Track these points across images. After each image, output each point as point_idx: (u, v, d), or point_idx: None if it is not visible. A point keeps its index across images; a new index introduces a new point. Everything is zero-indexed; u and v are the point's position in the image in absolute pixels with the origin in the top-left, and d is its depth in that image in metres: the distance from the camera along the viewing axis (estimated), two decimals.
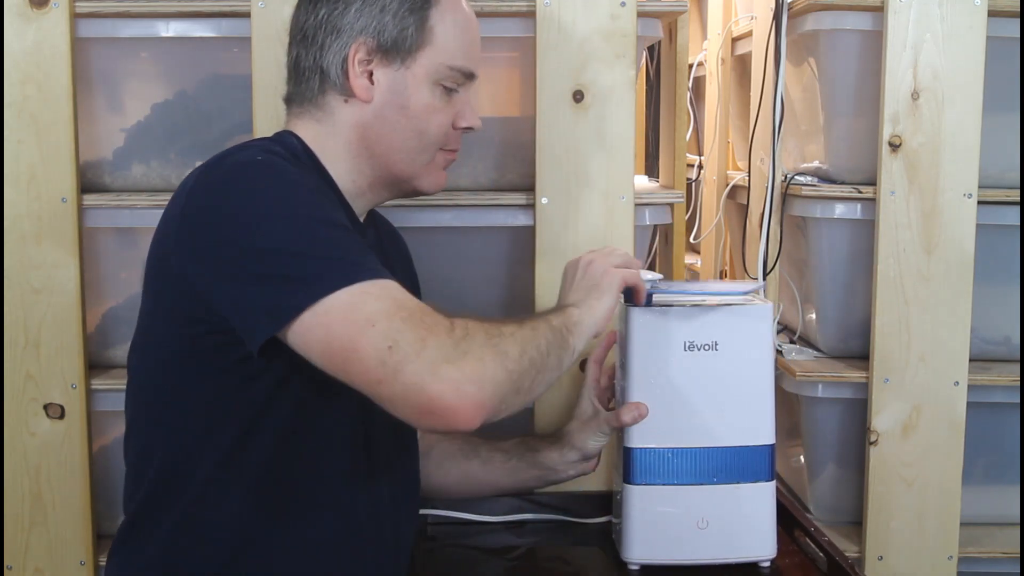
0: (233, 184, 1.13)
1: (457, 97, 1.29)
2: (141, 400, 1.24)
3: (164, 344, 1.19)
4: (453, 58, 1.27)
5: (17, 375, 1.60)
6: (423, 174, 1.30)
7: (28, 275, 1.59)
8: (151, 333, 1.22)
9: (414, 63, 1.25)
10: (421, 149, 1.28)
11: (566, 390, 1.61)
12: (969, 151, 1.70)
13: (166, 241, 1.16)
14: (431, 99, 1.27)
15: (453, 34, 1.27)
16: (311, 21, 1.26)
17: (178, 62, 1.68)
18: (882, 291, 1.72)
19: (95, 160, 1.67)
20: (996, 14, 1.69)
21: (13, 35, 1.55)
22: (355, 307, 1.04)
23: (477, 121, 1.32)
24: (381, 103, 1.25)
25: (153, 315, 1.21)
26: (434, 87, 1.27)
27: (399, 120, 1.26)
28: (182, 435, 1.20)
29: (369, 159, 1.27)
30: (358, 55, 1.24)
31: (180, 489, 1.19)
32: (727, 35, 2.22)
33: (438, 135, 1.29)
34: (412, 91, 1.26)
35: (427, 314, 1.06)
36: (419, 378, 1.01)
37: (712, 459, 1.34)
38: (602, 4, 1.57)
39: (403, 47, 1.24)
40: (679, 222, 2.12)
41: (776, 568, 1.37)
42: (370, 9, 1.24)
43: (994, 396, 1.79)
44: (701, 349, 1.33)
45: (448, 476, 1.49)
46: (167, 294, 1.17)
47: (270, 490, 1.19)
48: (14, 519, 1.62)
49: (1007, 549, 1.80)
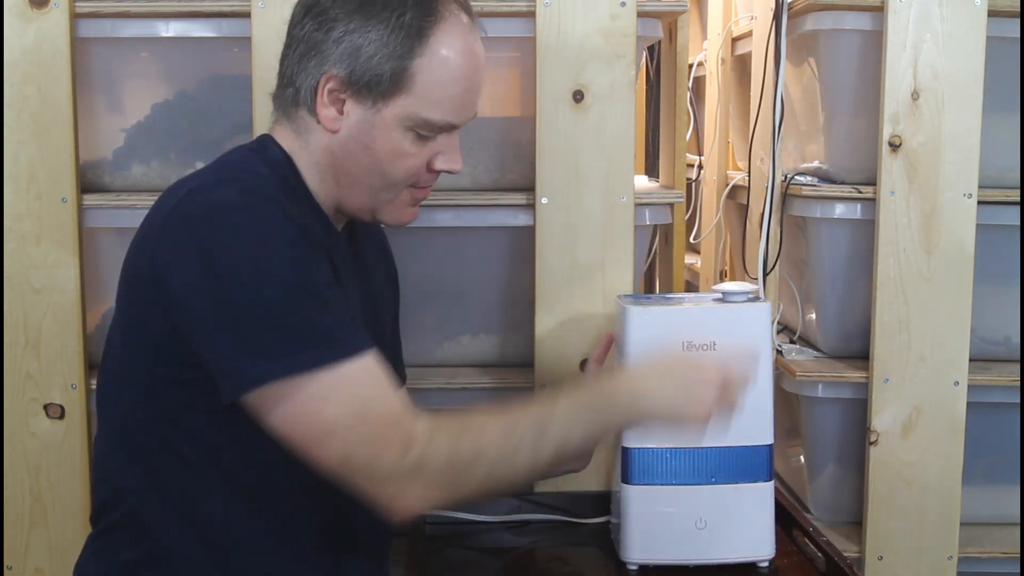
0: (211, 231, 1.10)
1: (435, 141, 1.22)
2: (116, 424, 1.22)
3: (139, 369, 1.18)
4: (430, 110, 1.19)
5: (17, 375, 1.60)
6: (386, 210, 1.25)
7: (28, 275, 1.59)
8: (126, 354, 1.20)
9: (385, 107, 1.18)
10: (384, 188, 1.22)
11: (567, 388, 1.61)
12: (969, 151, 1.69)
13: (142, 268, 1.14)
14: (399, 144, 1.20)
15: (438, 85, 1.18)
16: (296, 30, 1.21)
17: (178, 62, 1.68)
18: (882, 291, 1.72)
19: (95, 160, 1.67)
20: (996, 14, 1.69)
21: (13, 35, 1.55)
22: (318, 408, 1.08)
23: (458, 166, 1.25)
24: (347, 136, 1.20)
25: (127, 335, 1.19)
26: (405, 132, 1.19)
27: (362, 157, 1.20)
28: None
29: (335, 183, 1.23)
30: (328, 85, 1.18)
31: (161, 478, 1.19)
32: (727, 35, 2.22)
33: (404, 177, 1.22)
34: (379, 133, 1.19)
35: (387, 427, 1.09)
36: (364, 488, 1.10)
37: (711, 459, 1.34)
38: (602, 4, 1.57)
39: (376, 89, 1.17)
40: (679, 222, 2.12)
41: (775, 568, 1.37)
42: (351, 40, 1.17)
43: (994, 396, 1.78)
44: (699, 349, 1.32)
45: None
46: (142, 319, 1.15)
47: (249, 484, 1.19)
48: (14, 519, 1.62)
49: (1007, 549, 1.80)
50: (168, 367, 1.14)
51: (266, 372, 1.07)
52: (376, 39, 1.16)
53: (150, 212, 1.19)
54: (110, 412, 1.23)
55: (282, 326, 1.08)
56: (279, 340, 1.08)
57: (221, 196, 1.12)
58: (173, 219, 1.13)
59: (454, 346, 1.75)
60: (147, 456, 1.19)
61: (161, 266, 1.11)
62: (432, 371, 1.70)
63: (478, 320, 1.75)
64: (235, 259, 1.08)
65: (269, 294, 1.08)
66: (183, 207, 1.13)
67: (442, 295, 1.74)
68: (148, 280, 1.13)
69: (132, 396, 1.19)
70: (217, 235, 1.09)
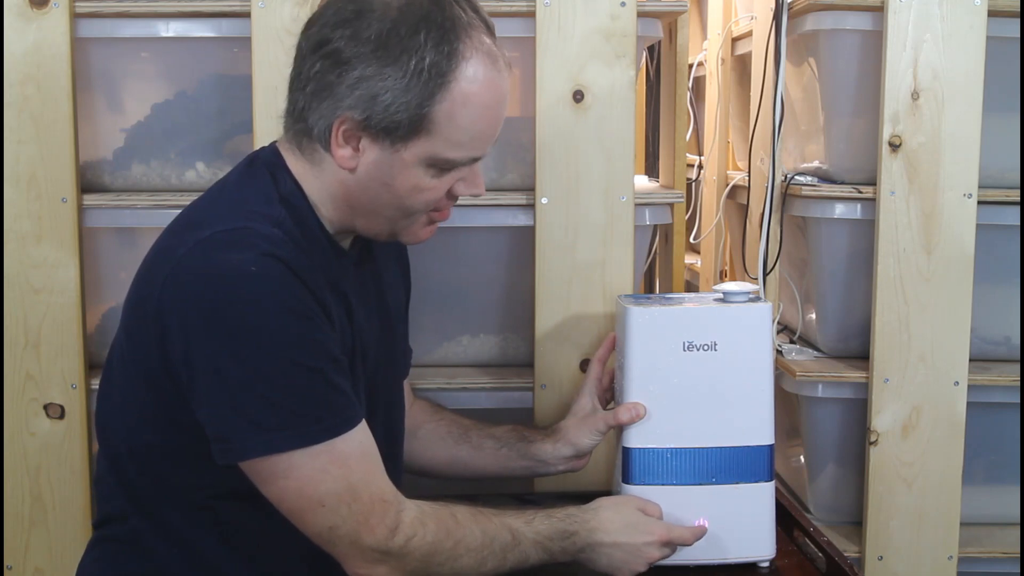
0: (220, 296, 1.08)
1: (456, 170, 1.18)
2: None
3: (135, 398, 1.18)
4: (454, 151, 1.15)
5: (17, 375, 1.60)
6: (404, 233, 1.24)
7: (28, 275, 1.59)
8: (124, 378, 1.20)
9: (404, 149, 1.14)
10: (402, 216, 1.21)
11: (567, 388, 1.61)
12: (969, 151, 1.69)
13: (147, 302, 1.13)
14: (420, 180, 1.17)
15: (461, 127, 1.14)
16: (307, 67, 1.15)
17: (178, 62, 1.68)
18: (882, 291, 1.72)
19: (95, 160, 1.67)
20: (996, 14, 1.69)
21: (13, 35, 1.55)
22: (311, 483, 1.10)
23: (480, 189, 1.22)
24: (364, 174, 1.16)
25: (126, 360, 1.19)
26: (427, 169, 1.16)
27: (381, 193, 1.17)
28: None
29: (350, 211, 1.21)
30: (344, 126, 1.14)
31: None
32: (727, 35, 2.22)
33: (425, 207, 1.20)
34: (397, 172, 1.16)
35: (377, 508, 1.13)
36: (342, 558, 1.15)
37: (711, 459, 1.33)
38: (602, 4, 1.57)
39: (394, 134, 1.13)
40: (679, 222, 2.12)
41: (775, 568, 1.37)
42: (367, 86, 1.11)
43: (994, 396, 1.78)
44: (700, 349, 1.32)
45: (436, 458, 1.49)
46: (144, 352, 1.15)
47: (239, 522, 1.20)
48: (14, 519, 1.62)
49: (1007, 549, 1.80)
50: (161, 401, 1.15)
51: (261, 445, 1.09)
52: (393, 87, 1.11)
53: (161, 243, 1.17)
54: (109, 435, 1.24)
55: (279, 401, 1.09)
56: (276, 414, 1.09)
57: (235, 261, 1.09)
58: (183, 271, 1.11)
59: (454, 346, 1.75)
60: (136, 486, 1.20)
61: (167, 315, 1.11)
62: (432, 371, 1.70)
63: (478, 320, 1.75)
64: (240, 328, 1.08)
65: (269, 369, 1.08)
66: (195, 260, 1.10)
67: (442, 295, 1.74)
68: (152, 318, 1.12)
69: (127, 423, 1.19)
70: (225, 302, 1.08)
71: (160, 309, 1.11)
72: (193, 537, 1.19)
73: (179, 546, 1.19)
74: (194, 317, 1.09)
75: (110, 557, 1.24)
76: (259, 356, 1.08)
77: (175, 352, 1.11)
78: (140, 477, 1.20)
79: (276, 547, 1.20)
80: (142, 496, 1.20)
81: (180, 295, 1.10)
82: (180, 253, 1.12)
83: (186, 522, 1.19)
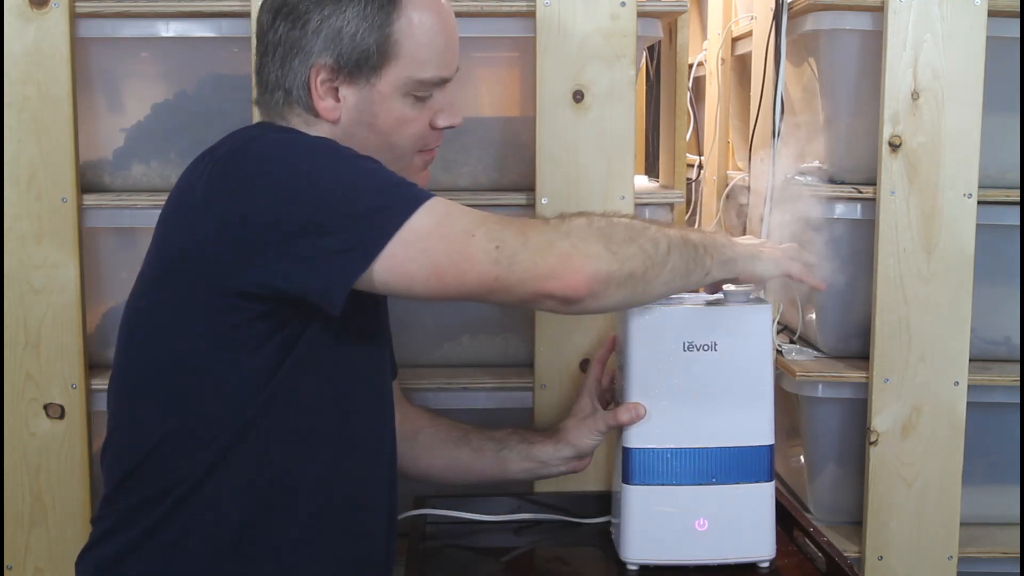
0: (270, 155, 1.13)
1: (432, 100, 1.26)
2: (139, 389, 1.22)
3: (175, 331, 1.18)
4: (422, 69, 1.23)
5: (17, 375, 1.60)
6: None
7: (28, 275, 1.59)
8: (157, 318, 1.19)
9: (379, 80, 1.22)
10: (395, 159, 1.25)
11: (567, 388, 1.61)
12: (969, 151, 1.69)
13: (189, 233, 1.14)
14: (400, 111, 1.24)
15: (422, 44, 1.23)
16: (270, 36, 1.23)
17: (178, 62, 1.68)
18: (882, 291, 1.72)
19: (95, 160, 1.67)
20: (996, 14, 1.69)
21: (13, 35, 1.55)
22: (445, 225, 1.10)
23: (458, 119, 1.29)
24: (348, 121, 1.23)
25: (160, 301, 1.18)
26: (404, 98, 1.24)
27: (368, 137, 1.24)
28: (186, 412, 1.19)
29: None
30: (320, 76, 1.21)
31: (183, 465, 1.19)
32: (727, 35, 2.22)
33: (412, 143, 1.27)
34: (379, 108, 1.23)
35: (512, 217, 1.13)
36: (531, 261, 1.10)
37: (711, 459, 1.34)
38: (602, 4, 1.57)
39: (366, 65, 1.21)
40: (679, 222, 2.12)
41: (775, 568, 1.37)
42: (328, 27, 1.20)
43: (994, 396, 1.78)
44: (700, 349, 1.33)
45: (436, 462, 1.49)
46: (186, 279, 1.15)
47: (262, 474, 1.19)
48: (14, 519, 1.62)
49: (1007, 549, 1.79)
50: (222, 310, 1.14)
51: (385, 226, 1.08)
52: (353, 16, 1.20)
53: (187, 179, 1.19)
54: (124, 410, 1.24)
55: (374, 189, 1.11)
56: (379, 196, 1.10)
57: (271, 135, 1.17)
58: (231, 155, 1.14)
59: (454, 346, 1.75)
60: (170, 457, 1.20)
61: (227, 194, 1.12)
62: (432, 371, 1.70)
63: (478, 320, 1.75)
64: (308, 168, 1.11)
65: (348, 175, 1.12)
66: (236, 145, 1.15)
67: None
68: (200, 221, 1.12)
69: (171, 349, 1.18)
70: (277, 154, 1.13)
71: (210, 201, 1.12)
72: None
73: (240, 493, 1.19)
74: (256, 180, 1.11)
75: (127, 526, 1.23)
76: (336, 174, 1.11)
77: (255, 256, 1.10)
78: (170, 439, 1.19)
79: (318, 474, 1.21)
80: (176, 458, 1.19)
81: (234, 173, 1.13)
82: (219, 154, 1.16)
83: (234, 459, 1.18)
